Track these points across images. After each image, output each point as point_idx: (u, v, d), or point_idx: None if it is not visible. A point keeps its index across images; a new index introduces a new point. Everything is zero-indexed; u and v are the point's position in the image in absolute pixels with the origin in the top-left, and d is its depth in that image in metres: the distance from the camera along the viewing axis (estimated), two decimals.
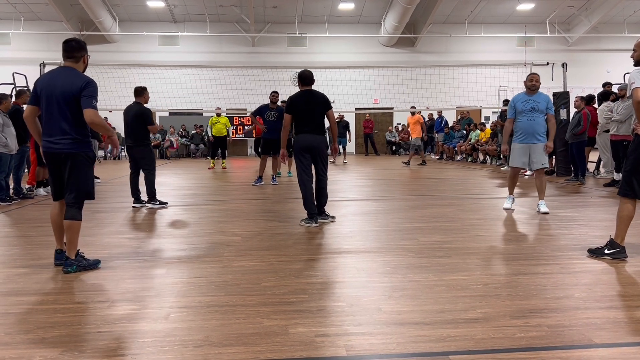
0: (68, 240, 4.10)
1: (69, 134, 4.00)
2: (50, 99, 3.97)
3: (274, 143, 10.26)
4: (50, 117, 3.99)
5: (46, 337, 2.78)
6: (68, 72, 4.05)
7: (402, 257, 4.44)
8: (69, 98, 3.94)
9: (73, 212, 4.08)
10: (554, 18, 22.44)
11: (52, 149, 4.03)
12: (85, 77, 4.06)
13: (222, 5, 20.64)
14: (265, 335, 2.79)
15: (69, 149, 4.01)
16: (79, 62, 4.15)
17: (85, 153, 4.10)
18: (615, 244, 4.31)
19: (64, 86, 3.95)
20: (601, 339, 2.71)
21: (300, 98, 6.02)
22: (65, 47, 4.12)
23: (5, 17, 21.03)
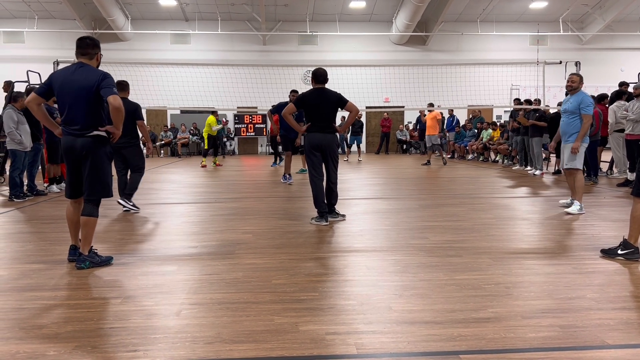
0: (83, 237, 4.14)
1: (88, 130, 4.04)
2: (68, 95, 4.01)
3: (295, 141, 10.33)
4: (70, 112, 4.03)
5: (60, 333, 2.81)
6: (84, 67, 4.10)
7: (413, 256, 4.43)
8: (86, 93, 3.99)
9: (90, 209, 4.14)
10: (568, 16, 22.24)
11: (72, 144, 4.06)
12: (101, 71, 4.12)
13: (233, 3, 20.69)
14: (276, 332, 2.80)
15: (89, 144, 4.05)
16: (92, 59, 4.19)
17: (104, 149, 4.14)
18: (629, 244, 4.28)
19: (81, 81, 4.01)
20: (614, 340, 2.69)
21: (312, 95, 6.00)
22: (80, 44, 4.16)
23: (19, 15, 21.25)
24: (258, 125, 22.76)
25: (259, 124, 22.74)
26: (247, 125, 22.71)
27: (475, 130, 17.83)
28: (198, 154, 21.84)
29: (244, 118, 22.58)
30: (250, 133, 22.79)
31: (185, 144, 21.78)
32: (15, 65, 18.85)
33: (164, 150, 21.78)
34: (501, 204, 7.43)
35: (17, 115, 7.89)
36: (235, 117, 22.41)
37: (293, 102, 6.08)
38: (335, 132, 6.08)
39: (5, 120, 7.87)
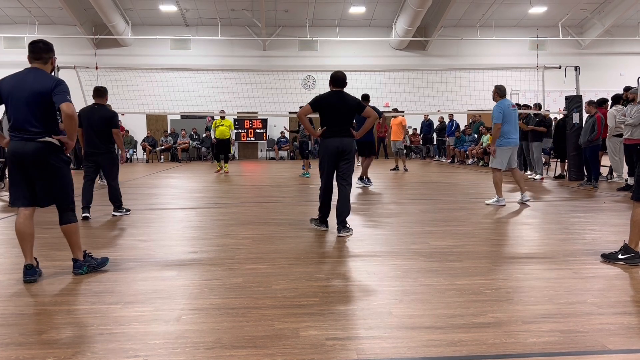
0: (71, 244, 4.07)
1: (40, 135, 3.84)
2: (18, 100, 3.82)
3: (364, 145, 10.29)
4: (20, 117, 3.83)
5: (60, 338, 2.81)
6: (37, 72, 3.91)
7: (413, 261, 4.43)
8: (39, 98, 3.81)
9: (67, 217, 4.03)
10: (567, 21, 22.30)
11: (22, 150, 3.83)
12: (54, 77, 3.96)
13: (233, 9, 20.76)
14: (276, 338, 2.79)
15: (41, 150, 3.85)
16: (47, 63, 4.02)
17: (60, 155, 3.96)
18: (630, 249, 4.28)
19: (34, 86, 3.82)
20: (615, 344, 2.68)
21: (330, 97, 5.62)
22: (32, 48, 3.97)
23: (20, 21, 21.31)
24: (258, 130, 22.78)
25: (259, 128, 22.77)
26: (247, 130, 22.73)
27: (475, 135, 17.85)
28: (198, 159, 21.87)
29: (244, 123, 22.60)
30: (251, 138, 22.81)
31: (185, 149, 21.79)
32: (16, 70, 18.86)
33: (164, 155, 21.79)
34: (501, 208, 7.43)
35: None
36: (236, 122, 22.43)
37: (309, 102, 5.66)
38: (352, 136, 5.70)
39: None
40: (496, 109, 7.62)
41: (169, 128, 22.53)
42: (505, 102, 7.68)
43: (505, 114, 7.56)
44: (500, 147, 7.67)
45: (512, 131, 7.64)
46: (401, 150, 14.94)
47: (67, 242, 4.10)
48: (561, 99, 13.45)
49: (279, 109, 19.36)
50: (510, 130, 7.61)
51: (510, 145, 7.68)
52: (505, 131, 7.60)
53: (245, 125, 22.69)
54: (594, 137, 9.97)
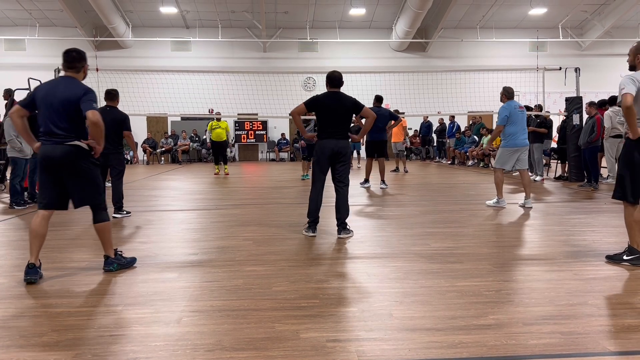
0: (104, 242, 4.23)
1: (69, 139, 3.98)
2: (50, 106, 3.95)
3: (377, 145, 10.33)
4: (51, 123, 3.97)
5: (60, 340, 2.81)
6: (69, 81, 4.07)
7: (414, 262, 4.42)
8: (69, 105, 3.94)
9: (100, 216, 4.19)
10: (567, 23, 22.30)
11: (51, 153, 3.96)
12: (85, 86, 4.08)
13: (233, 11, 20.77)
14: (277, 340, 2.79)
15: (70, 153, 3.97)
16: (79, 72, 4.17)
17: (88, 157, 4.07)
18: (634, 249, 4.29)
19: (64, 93, 3.96)
20: (616, 346, 2.68)
21: (326, 98, 5.55)
22: (66, 57, 4.13)
23: (20, 23, 21.33)
24: (258, 132, 22.79)
25: (259, 130, 22.78)
26: (248, 132, 22.74)
27: (475, 137, 17.85)
28: (199, 161, 21.87)
29: (244, 125, 22.61)
30: (251, 140, 22.82)
31: (185, 151, 21.80)
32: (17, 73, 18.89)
33: (164, 157, 21.80)
34: (502, 210, 7.42)
35: None
36: (236, 124, 22.44)
37: (305, 102, 5.54)
38: (348, 138, 5.66)
39: (6, 128, 7.89)
40: (501, 111, 7.60)
41: (170, 130, 22.53)
42: (512, 103, 7.64)
43: (511, 116, 7.52)
44: (505, 147, 7.65)
45: (519, 132, 7.58)
46: (401, 151, 14.92)
47: (100, 239, 4.25)
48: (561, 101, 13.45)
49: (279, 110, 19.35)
50: (517, 131, 7.56)
51: (516, 146, 7.59)
52: (510, 132, 7.56)
53: (245, 126, 22.70)
54: (594, 138, 9.97)
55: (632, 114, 4.11)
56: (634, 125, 4.15)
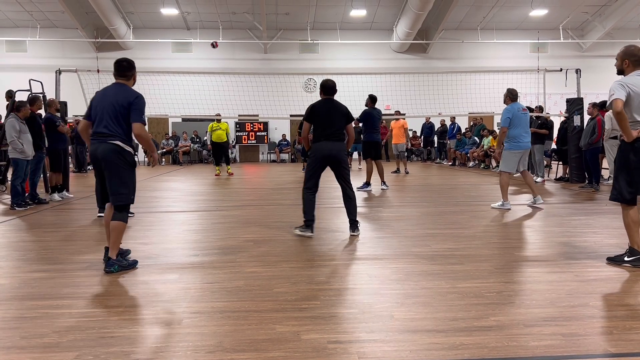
0: (112, 241, 4.32)
1: (112, 138, 4.27)
2: (102, 109, 4.31)
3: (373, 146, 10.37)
4: (98, 125, 4.31)
5: (61, 342, 2.81)
6: (120, 87, 4.43)
7: (415, 264, 4.42)
8: (118, 108, 4.27)
9: (118, 215, 4.35)
10: (568, 24, 22.29)
11: (95, 150, 4.31)
12: (136, 92, 4.41)
13: (234, 12, 20.78)
14: (278, 341, 2.79)
15: (109, 151, 4.26)
16: (129, 80, 4.54)
17: (125, 158, 4.34)
18: (635, 251, 4.30)
19: (115, 96, 4.32)
20: (617, 348, 2.68)
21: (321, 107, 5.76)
22: (118, 67, 4.49)
23: (21, 24, 21.35)
24: (259, 133, 22.80)
25: (260, 131, 22.79)
26: (249, 133, 22.75)
27: (475, 138, 17.84)
28: (200, 162, 21.87)
29: (245, 126, 22.62)
30: (252, 141, 22.82)
31: (186, 152, 21.80)
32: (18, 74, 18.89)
33: (165, 158, 21.80)
34: (502, 211, 7.42)
35: (19, 124, 7.92)
36: (237, 125, 22.46)
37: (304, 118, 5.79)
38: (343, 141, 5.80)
39: (8, 129, 7.90)
40: (504, 113, 7.58)
41: (170, 131, 22.54)
42: (515, 105, 7.62)
43: (513, 118, 7.50)
44: (509, 150, 7.61)
45: (522, 135, 7.56)
46: (402, 152, 14.89)
47: (110, 237, 4.34)
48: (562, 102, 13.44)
49: (280, 111, 19.38)
50: (520, 133, 7.55)
51: (520, 149, 7.57)
52: (514, 135, 7.53)
53: (246, 128, 22.71)
54: (595, 139, 9.96)
55: (624, 118, 4.18)
56: (627, 129, 4.21)
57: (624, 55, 4.36)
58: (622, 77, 4.36)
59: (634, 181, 4.26)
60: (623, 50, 4.39)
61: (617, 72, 4.46)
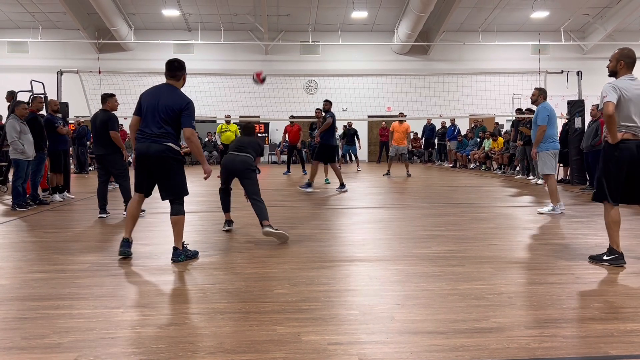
0: (175, 234, 4.60)
1: (163, 141, 4.45)
2: (153, 109, 4.46)
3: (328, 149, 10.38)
4: (148, 124, 4.47)
5: (62, 342, 2.81)
6: (171, 89, 4.57)
7: (415, 265, 4.42)
8: (169, 112, 4.45)
9: (177, 208, 4.63)
10: (569, 26, 22.29)
11: (146, 149, 4.46)
12: (187, 97, 4.57)
13: (236, 13, 20.81)
14: (278, 342, 2.79)
15: (163, 151, 4.46)
16: (179, 80, 4.67)
17: (177, 157, 4.57)
18: (614, 250, 4.43)
19: (167, 100, 4.47)
20: (617, 350, 2.67)
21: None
22: (169, 67, 4.63)
23: (23, 25, 21.39)
24: (260, 134, 22.80)
25: (261, 133, 22.79)
26: None
27: (477, 139, 17.84)
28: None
29: None
30: None
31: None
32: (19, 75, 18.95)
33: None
34: (503, 213, 7.42)
35: (20, 125, 7.93)
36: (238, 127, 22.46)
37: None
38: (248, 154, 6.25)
39: (8, 130, 7.91)
40: (542, 111, 7.29)
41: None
42: (549, 104, 7.41)
43: (551, 117, 7.27)
44: (546, 151, 7.30)
45: (555, 134, 7.40)
46: (404, 155, 14.84)
47: (173, 230, 4.64)
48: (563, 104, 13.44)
49: (281, 113, 19.39)
50: (555, 133, 7.38)
51: (556, 148, 7.36)
52: (551, 134, 7.30)
53: None
54: (597, 142, 9.95)
55: (614, 121, 4.26)
56: (614, 132, 4.31)
57: (620, 57, 4.44)
58: (614, 79, 4.44)
59: (616, 182, 4.38)
60: (619, 52, 4.47)
61: (609, 74, 4.54)
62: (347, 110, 21.59)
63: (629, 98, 4.29)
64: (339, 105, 20.94)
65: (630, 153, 4.31)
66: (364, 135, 23.43)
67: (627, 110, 4.31)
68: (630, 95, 4.30)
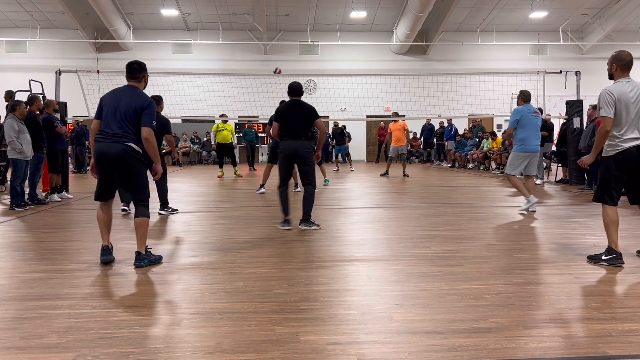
0: (139, 237, 4.44)
1: (124, 141, 4.34)
2: (114, 109, 4.38)
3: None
4: (109, 124, 4.38)
5: (60, 342, 2.81)
6: (132, 89, 4.51)
7: (414, 265, 4.42)
8: (131, 111, 4.36)
9: (141, 211, 4.45)
10: (567, 26, 22.32)
11: (106, 150, 4.35)
12: (148, 97, 4.53)
13: (235, 13, 20.80)
14: (277, 342, 2.79)
15: (123, 151, 4.34)
16: (140, 82, 4.61)
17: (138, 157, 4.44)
18: (612, 250, 4.44)
19: (128, 100, 4.40)
20: (615, 350, 2.68)
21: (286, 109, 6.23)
22: (129, 69, 4.58)
23: (22, 25, 21.35)
24: (259, 134, 22.76)
25: (260, 132, 22.75)
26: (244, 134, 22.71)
27: (476, 139, 17.85)
28: (199, 163, 21.87)
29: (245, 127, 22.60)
30: None
31: (186, 153, 21.80)
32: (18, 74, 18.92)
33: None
34: (502, 213, 7.43)
35: (18, 124, 7.92)
36: (237, 126, 22.44)
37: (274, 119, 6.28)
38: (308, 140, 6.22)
39: (7, 129, 7.90)
40: (513, 114, 7.48)
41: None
42: (526, 107, 7.50)
43: (522, 119, 7.39)
44: (515, 152, 7.50)
45: (530, 137, 7.45)
46: (403, 154, 14.79)
47: (136, 234, 4.47)
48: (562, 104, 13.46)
49: None
50: (528, 136, 7.43)
51: (526, 151, 7.45)
52: (522, 137, 7.42)
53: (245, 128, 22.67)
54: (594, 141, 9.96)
55: (606, 139, 4.43)
56: (599, 148, 4.49)
57: (613, 60, 4.54)
58: (612, 83, 4.53)
59: (618, 184, 4.50)
60: (613, 55, 4.56)
61: (609, 77, 4.61)
62: (346, 110, 21.60)
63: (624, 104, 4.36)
64: (338, 105, 20.97)
65: (631, 157, 4.39)
66: (363, 135, 23.47)
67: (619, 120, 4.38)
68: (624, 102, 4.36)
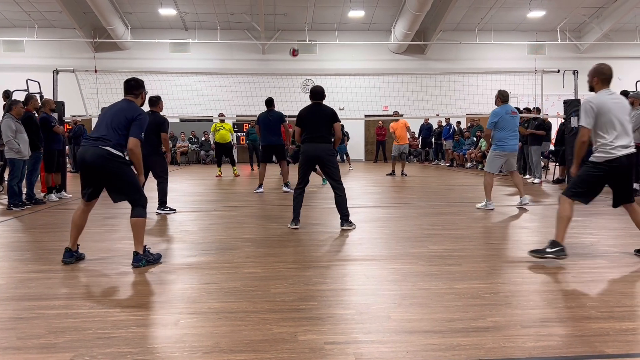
0: (135, 237, 4.42)
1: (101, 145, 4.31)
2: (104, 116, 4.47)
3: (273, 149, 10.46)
4: (97, 129, 4.44)
5: (57, 342, 2.80)
6: (128, 101, 4.60)
7: (412, 264, 4.42)
8: (120, 118, 4.40)
9: (137, 211, 4.45)
10: (565, 25, 22.34)
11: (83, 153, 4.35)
12: (141, 110, 4.56)
13: (232, 13, 20.78)
14: (275, 342, 2.79)
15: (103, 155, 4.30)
16: (137, 97, 4.70)
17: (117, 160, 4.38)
18: (557, 243, 4.46)
19: (121, 108, 4.48)
20: (613, 349, 2.68)
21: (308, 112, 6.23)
22: (126, 86, 4.68)
23: (19, 24, 21.30)
24: None
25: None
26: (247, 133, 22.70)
27: (474, 138, 17.87)
28: (197, 163, 21.85)
29: (243, 126, 22.59)
30: None
31: (184, 153, 21.79)
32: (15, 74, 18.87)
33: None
34: (500, 212, 7.43)
35: (16, 124, 7.90)
36: (235, 126, 22.42)
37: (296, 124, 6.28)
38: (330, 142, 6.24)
39: (4, 129, 7.88)
40: (491, 115, 7.65)
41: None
42: (504, 108, 7.63)
43: (500, 121, 7.52)
44: (493, 152, 7.71)
45: (508, 137, 7.57)
46: (405, 153, 14.76)
47: (132, 234, 4.43)
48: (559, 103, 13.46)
49: None
50: (505, 136, 7.56)
51: (504, 151, 7.60)
52: (499, 137, 7.58)
53: (244, 128, 22.67)
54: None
55: (584, 149, 4.44)
56: (580, 157, 4.49)
57: (594, 73, 4.54)
58: (593, 94, 4.52)
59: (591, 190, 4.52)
60: (594, 68, 4.56)
61: (589, 89, 4.63)
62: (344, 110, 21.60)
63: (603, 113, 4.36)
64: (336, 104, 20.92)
65: (621, 165, 4.43)
66: (361, 135, 23.49)
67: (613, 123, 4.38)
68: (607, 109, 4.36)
